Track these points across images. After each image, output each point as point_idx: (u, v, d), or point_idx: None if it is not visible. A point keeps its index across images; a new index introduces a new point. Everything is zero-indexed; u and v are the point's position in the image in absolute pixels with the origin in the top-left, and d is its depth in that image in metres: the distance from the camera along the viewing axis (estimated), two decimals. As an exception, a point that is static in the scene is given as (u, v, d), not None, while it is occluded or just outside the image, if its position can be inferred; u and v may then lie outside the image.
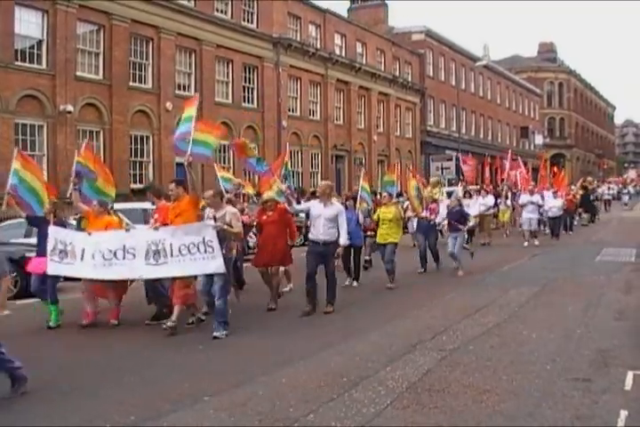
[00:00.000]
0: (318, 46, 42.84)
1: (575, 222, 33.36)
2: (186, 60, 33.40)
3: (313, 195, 23.14)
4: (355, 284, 15.65)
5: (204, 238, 10.41)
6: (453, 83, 61.03)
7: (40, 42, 26.44)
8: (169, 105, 31.35)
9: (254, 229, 14.38)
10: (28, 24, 25.98)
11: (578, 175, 72.53)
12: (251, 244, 16.02)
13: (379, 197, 17.85)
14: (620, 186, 62.28)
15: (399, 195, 25.71)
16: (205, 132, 12.35)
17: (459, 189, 29.87)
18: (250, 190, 19.22)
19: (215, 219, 10.77)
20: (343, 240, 12.13)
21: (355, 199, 16.17)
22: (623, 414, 6.50)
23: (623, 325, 10.78)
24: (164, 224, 11.23)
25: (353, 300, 13.65)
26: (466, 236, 21.65)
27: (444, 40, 60.72)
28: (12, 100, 25.15)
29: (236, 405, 6.98)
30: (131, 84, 30.00)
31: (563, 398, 7.00)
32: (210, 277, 10.64)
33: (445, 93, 59.78)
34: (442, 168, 47.51)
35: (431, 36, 58.48)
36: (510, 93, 78.00)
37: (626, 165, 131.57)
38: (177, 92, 32.40)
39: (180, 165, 32.26)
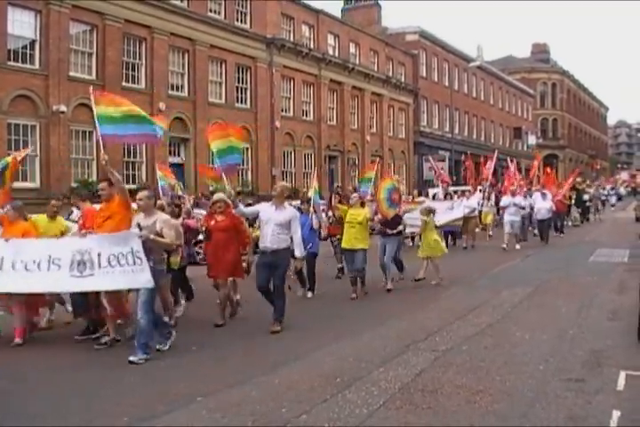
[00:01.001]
0: (312, 47, 42.79)
1: (568, 223, 33.36)
2: (179, 61, 33.34)
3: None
4: (309, 295, 14.28)
5: (132, 249, 9.24)
6: (447, 83, 61.03)
7: (33, 42, 26.36)
8: (162, 105, 31.29)
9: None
10: (21, 24, 25.89)
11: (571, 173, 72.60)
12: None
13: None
14: (609, 187, 61.03)
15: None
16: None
17: (439, 191, 30.04)
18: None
19: (140, 227, 9.39)
20: (299, 252, 11.00)
21: (309, 202, 15.00)
22: (616, 414, 6.52)
23: (616, 325, 10.80)
24: (91, 230, 10.07)
25: (345, 301, 13.66)
26: (410, 242, 22.07)
27: (437, 41, 60.70)
28: (5, 101, 25.07)
29: (230, 405, 6.98)
30: (124, 84, 29.90)
31: (556, 399, 7.02)
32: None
33: (439, 94, 59.78)
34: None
35: (425, 37, 58.46)
36: (503, 94, 78.05)
37: (619, 165, 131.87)
38: (170, 92, 32.35)
39: (173, 165, 32.33)
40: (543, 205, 25.99)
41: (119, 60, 29.55)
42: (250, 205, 16.18)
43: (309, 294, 14.30)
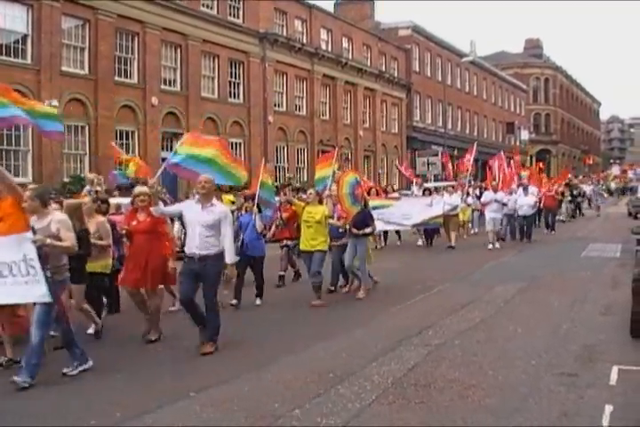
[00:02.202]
0: (304, 41, 42.72)
1: (560, 217, 33.22)
2: (172, 55, 33.23)
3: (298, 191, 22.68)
4: (258, 302, 12.83)
5: (24, 256, 7.76)
6: (440, 78, 61.01)
7: (25, 36, 26.22)
8: (154, 100, 31.22)
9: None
10: (13, 18, 25.74)
11: (562, 171, 72.68)
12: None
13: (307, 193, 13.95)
14: (598, 182, 57.20)
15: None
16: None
17: (415, 188, 28.80)
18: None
19: (34, 231, 7.99)
20: (230, 257, 9.41)
21: (253, 199, 13.15)
22: (608, 409, 6.54)
23: (609, 320, 10.83)
24: None
25: (337, 297, 13.66)
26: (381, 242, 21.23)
27: (430, 36, 60.66)
28: (-3, 95, 24.94)
29: (222, 401, 6.98)
30: (116, 78, 29.81)
31: (549, 394, 7.03)
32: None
33: (432, 89, 59.76)
34: (428, 163, 47.50)
35: (418, 32, 58.41)
36: (496, 89, 78.07)
37: (611, 160, 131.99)
38: (163, 87, 32.25)
39: (165, 160, 32.24)
40: (526, 201, 24.79)
41: (111, 54, 29.43)
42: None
43: (258, 301, 12.80)
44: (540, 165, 41.43)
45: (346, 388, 7.33)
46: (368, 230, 13.80)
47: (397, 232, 24.23)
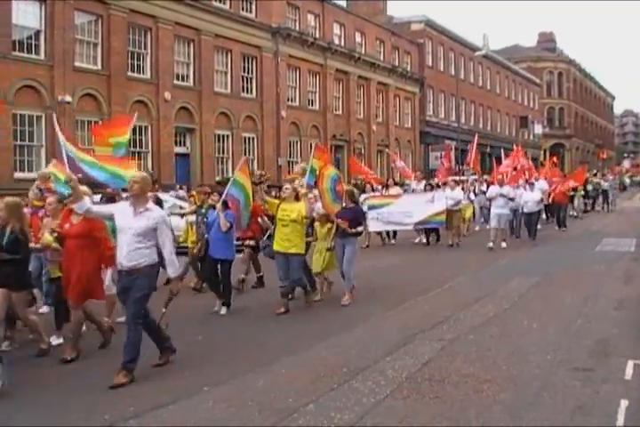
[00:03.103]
0: (317, 36, 42.68)
1: (573, 213, 32.88)
2: (184, 50, 33.26)
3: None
4: (223, 311, 11.50)
5: None
6: (453, 72, 60.82)
7: (38, 32, 26.31)
8: (167, 95, 31.27)
9: None
10: (26, 14, 25.82)
11: (577, 165, 72.31)
12: None
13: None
14: (614, 177, 53.11)
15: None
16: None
17: (412, 183, 26.55)
18: None
19: None
20: (171, 270, 8.08)
21: (220, 195, 12.15)
22: (623, 403, 6.51)
23: (623, 314, 10.78)
24: None
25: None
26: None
27: (443, 30, 60.51)
28: (11, 91, 25.03)
29: (235, 396, 6.98)
30: (129, 74, 29.87)
31: (563, 388, 7.00)
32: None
33: (445, 83, 59.60)
34: (441, 158, 47.40)
35: (430, 26, 58.28)
36: (510, 83, 77.82)
37: (625, 154, 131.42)
38: (175, 82, 32.30)
39: (179, 155, 32.33)
40: (531, 196, 23.11)
41: (124, 50, 29.51)
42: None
43: (223, 310, 11.49)
44: (554, 159, 40.95)
45: (360, 382, 7.32)
46: (360, 229, 12.76)
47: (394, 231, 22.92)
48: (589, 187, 36.93)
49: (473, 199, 25.61)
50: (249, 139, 37.22)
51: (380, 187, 24.64)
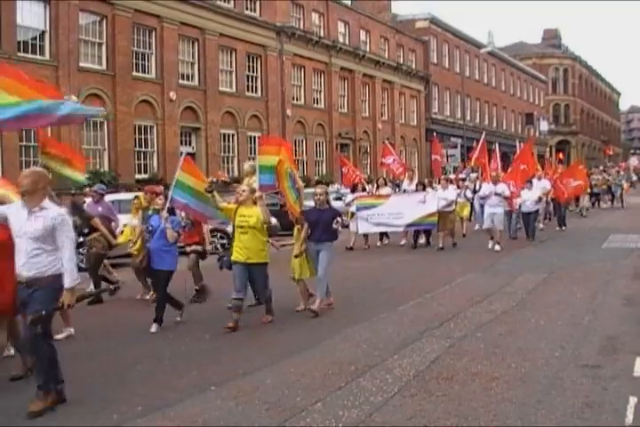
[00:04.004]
0: (322, 34, 42.72)
1: (577, 211, 32.43)
2: (189, 50, 33.31)
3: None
4: (154, 328, 10.18)
5: None
6: (458, 70, 60.84)
7: (43, 33, 26.36)
8: (172, 95, 31.33)
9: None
10: (31, 15, 25.88)
11: (583, 162, 72.20)
12: None
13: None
14: (620, 173, 48.63)
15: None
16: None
17: (404, 182, 23.95)
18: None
19: None
20: (68, 281, 6.80)
21: (166, 197, 10.96)
22: (633, 400, 6.47)
23: (631, 311, 10.74)
24: None
25: (355, 288, 13.62)
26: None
27: (448, 27, 60.51)
28: (16, 92, 25.03)
29: (243, 394, 6.97)
30: (134, 74, 29.93)
31: (572, 385, 6.97)
32: None
33: (450, 81, 59.60)
34: (447, 155, 47.37)
35: (435, 23, 58.27)
36: (515, 80, 77.77)
37: (632, 151, 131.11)
38: (180, 81, 32.36)
39: (185, 154, 32.29)
40: (529, 195, 21.86)
41: (129, 49, 29.56)
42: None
43: (154, 328, 10.17)
44: (560, 155, 40.73)
45: (367, 380, 7.31)
46: (335, 226, 11.41)
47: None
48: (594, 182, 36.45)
49: (470, 197, 23.81)
50: (254, 138, 37.23)
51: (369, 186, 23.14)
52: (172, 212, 10.79)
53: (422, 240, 21.38)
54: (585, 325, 9.78)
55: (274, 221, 10.78)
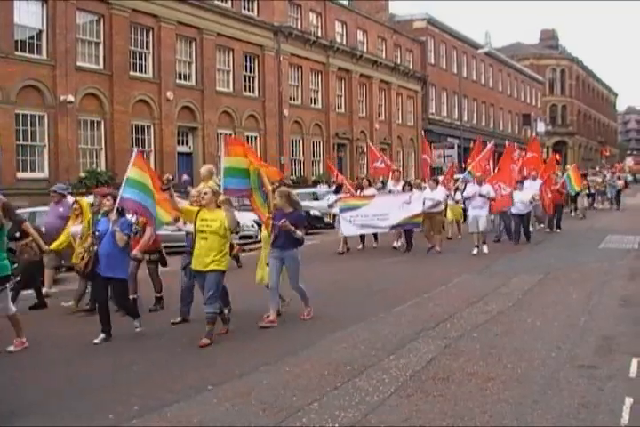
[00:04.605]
0: (319, 34, 42.71)
1: (572, 214, 32.17)
2: (186, 49, 33.29)
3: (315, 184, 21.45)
4: (138, 328, 9.92)
5: None
6: (455, 70, 60.86)
7: (40, 32, 26.33)
8: (169, 94, 31.31)
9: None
10: (28, 14, 25.85)
11: (580, 163, 72.29)
12: None
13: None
14: (613, 175, 48.51)
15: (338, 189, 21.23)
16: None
17: (389, 183, 23.04)
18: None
19: None
20: None
21: (115, 198, 9.87)
22: (628, 401, 6.49)
23: (628, 311, 10.75)
24: None
25: (349, 289, 13.63)
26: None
27: (445, 27, 60.55)
28: (13, 91, 25.06)
29: (240, 394, 6.97)
30: (131, 73, 29.91)
31: (568, 386, 6.98)
32: None
33: (447, 81, 59.65)
34: (444, 156, 47.42)
35: (432, 24, 58.31)
36: (512, 81, 77.85)
37: (628, 152, 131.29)
38: (178, 81, 32.33)
39: (181, 154, 32.33)
40: (520, 196, 21.05)
41: (126, 49, 29.54)
42: None
43: (138, 326, 9.90)
44: (557, 156, 40.51)
45: (364, 380, 7.31)
46: (299, 235, 10.47)
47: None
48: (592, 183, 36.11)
49: (459, 199, 22.48)
50: (252, 138, 37.24)
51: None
52: (122, 213, 9.84)
53: (399, 243, 20.65)
54: (581, 325, 9.79)
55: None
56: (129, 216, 10.44)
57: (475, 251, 18.54)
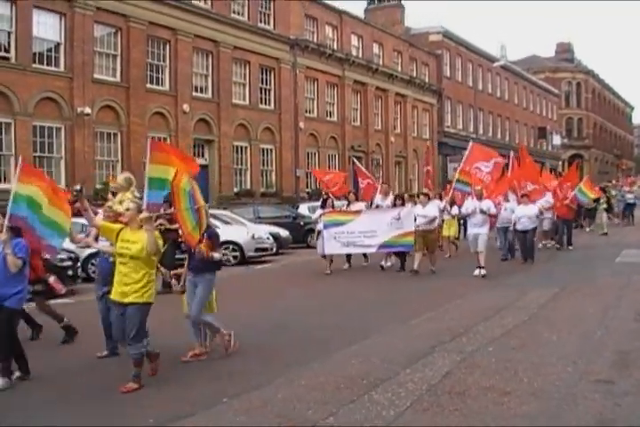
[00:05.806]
0: (335, 47, 42.82)
1: (586, 229, 31.48)
2: (203, 62, 33.45)
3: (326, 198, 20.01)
4: (18, 377, 8.23)
5: None
6: (470, 83, 60.86)
7: (58, 45, 26.52)
8: (186, 107, 31.44)
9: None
10: (46, 27, 26.06)
11: (596, 176, 72.01)
12: None
13: None
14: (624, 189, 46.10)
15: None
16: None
17: (377, 197, 21.02)
18: None
19: None
20: None
21: (4, 215, 8.29)
22: (646, 416, 6.45)
23: (644, 326, 10.69)
24: None
25: (360, 304, 13.60)
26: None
27: (461, 41, 60.56)
28: (31, 103, 25.23)
29: (255, 407, 6.96)
30: (148, 86, 30.07)
31: (584, 401, 6.94)
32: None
33: (463, 94, 59.63)
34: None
35: (448, 37, 58.33)
36: (528, 94, 77.70)
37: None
38: (194, 93, 32.49)
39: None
40: (524, 211, 19.91)
41: (143, 62, 29.70)
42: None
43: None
44: (574, 168, 39.88)
45: (379, 394, 7.29)
46: (216, 257, 9.14)
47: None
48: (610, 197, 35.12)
49: (455, 214, 20.09)
50: (267, 150, 37.34)
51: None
52: (17, 233, 8.15)
53: (389, 263, 19.34)
54: (597, 340, 9.73)
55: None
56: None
57: (476, 272, 17.15)
